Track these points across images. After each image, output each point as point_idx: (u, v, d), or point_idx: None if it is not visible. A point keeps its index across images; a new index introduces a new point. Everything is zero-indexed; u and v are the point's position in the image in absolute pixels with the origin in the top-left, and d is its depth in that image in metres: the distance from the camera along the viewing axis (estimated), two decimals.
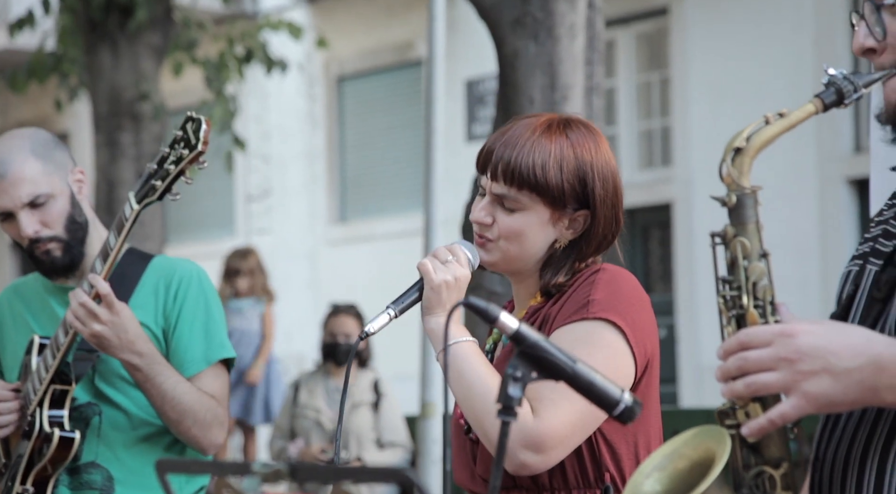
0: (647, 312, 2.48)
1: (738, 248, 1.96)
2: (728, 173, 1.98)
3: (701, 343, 10.98)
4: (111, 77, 8.34)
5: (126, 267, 3.26)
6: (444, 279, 2.47)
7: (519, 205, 2.49)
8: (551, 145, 2.49)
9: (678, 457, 1.96)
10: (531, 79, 5.71)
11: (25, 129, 3.34)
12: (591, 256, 2.53)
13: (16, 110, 15.31)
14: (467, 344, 2.45)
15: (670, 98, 11.46)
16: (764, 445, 1.93)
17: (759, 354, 1.85)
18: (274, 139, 14.06)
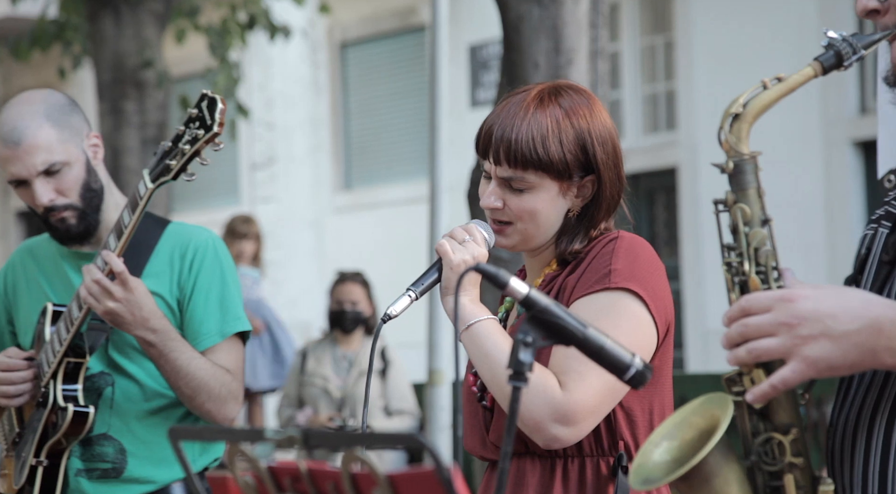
0: (663, 279, 2.50)
1: (739, 215, 1.96)
2: (726, 139, 1.98)
3: (707, 308, 10.98)
4: (114, 44, 8.31)
5: (141, 234, 3.22)
6: (463, 259, 2.48)
7: (527, 185, 2.50)
8: (547, 119, 2.50)
9: (687, 426, 1.97)
10: (536, 43, 5.70)
11: (40, 92, 3.28)
12: (602, 220, 2.55)
13: (19, 78, 15.27)
14: (489, 322, 2.47)
15: (675, 62, 11.41)
16: (773, 411, 1.93)
17: (759, 320, 1.86)
18: (277, 106, 14.02)
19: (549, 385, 2.37)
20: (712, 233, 8.54)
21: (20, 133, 3.15)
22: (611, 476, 2.44)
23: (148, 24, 8.38)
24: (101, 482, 3.21)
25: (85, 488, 3.23)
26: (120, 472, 3.21)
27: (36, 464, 3.19)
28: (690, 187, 11.20)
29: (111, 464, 3.21)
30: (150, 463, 3.21)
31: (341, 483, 1.51)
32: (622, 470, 2.42)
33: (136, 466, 3.21)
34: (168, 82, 8.49)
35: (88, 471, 3.22)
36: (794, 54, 10.22)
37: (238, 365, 3.21)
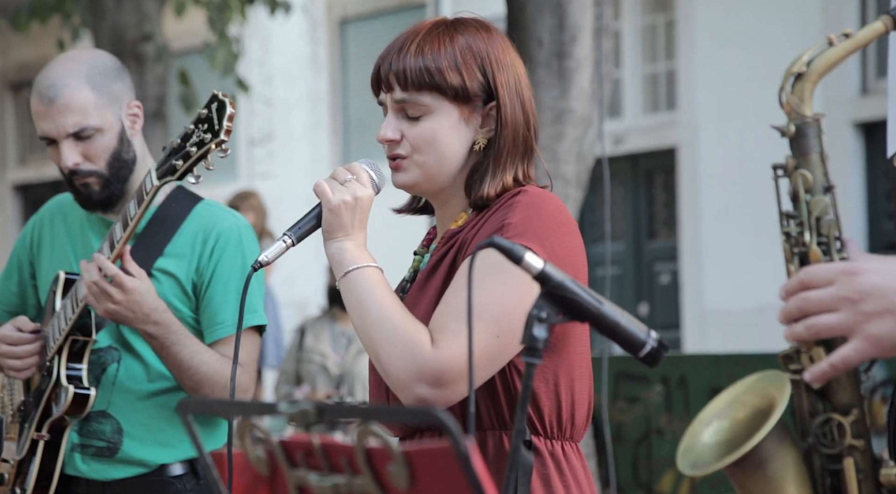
0: (570, 237, 2.30)
1: (800, 181, 1.85)
2: (787, 101, 1.86)
3: (705, 288, 10.96)
4: (114, 17, 8.26)
5: (169, 210, 3.17)
6: (343, 199, 2.32)
7: (423, 109, 2.34)
8: (440, 39, 2.36)
9: (739, 405, 1.87)
10: (539, 19, 5.66)
11: (88, 52, 3.21)
12: (514, 161, 2.37)
13: (17, 50, 15.20)
14: (369, 270, 2.30)
15: (675, 41, 11.37)
16: (832, 391, 1.82)
17: (820, 294, 1.74)
18: (276, 83, 13.97)
19: (417, 341, 2.20)
20: (711, 214, 8.54)
21: (57, 91, 3.08)
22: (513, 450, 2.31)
23: None
24: (94, 459, 3.18)
25: (78, 464, 3.19)
26: (114, 451, 3.17)
27: (37, 438, 3.17)
28: (690, 167, 11.17)
29: (106, 443, 3.17)
30: (146, 445, 3.17)
31: (355, 459, 1.48)
32: (524, 445, 2.24)
33: (131, 446, 3.17)
34: (167, 56, 8.44)
35: (83, 447, 3.19)
36: (796, 34, 10.18)
37: (251, 356, 3.14)
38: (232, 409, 1.54)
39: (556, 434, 2.32)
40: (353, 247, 2.32)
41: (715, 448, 1.87)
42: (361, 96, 13.74)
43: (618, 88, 11.38)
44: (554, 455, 2.31)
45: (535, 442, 2.30)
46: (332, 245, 2.34)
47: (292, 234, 2.34)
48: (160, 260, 3.15)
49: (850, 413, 1.82)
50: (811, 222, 1.85)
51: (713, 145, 10.95)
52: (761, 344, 10.05)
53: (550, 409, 2.31)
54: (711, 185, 10.95)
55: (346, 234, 2.33)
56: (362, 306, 2.27)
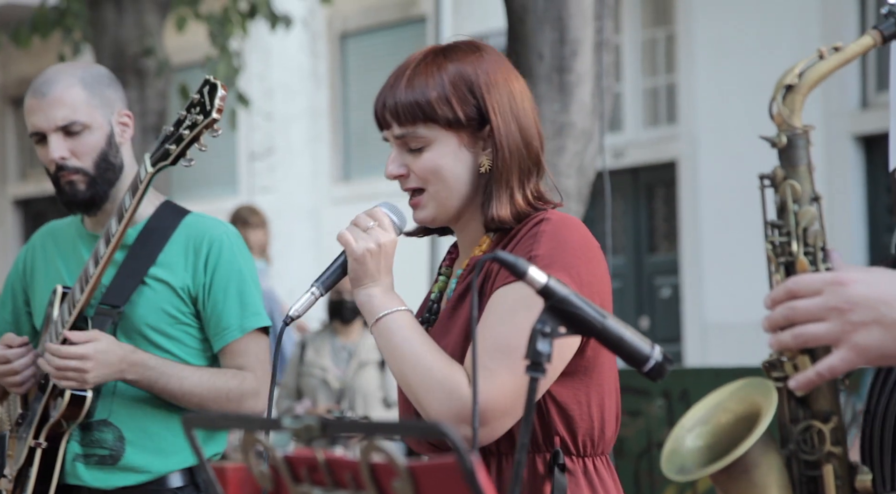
0: (595, 262, 2.33)
1: (788, 191, 1.87)
2: (778, 112, 1.88)
3: (706, 302, 10.96)
4: (115, 32, 8.27)
5: (158, 222, 3.23)
6: (367, 247, 2.35)
7: (423, 141, 2.37)
8: (427, 69, 2.37)
9: (722, 411, 1.90)
10: (540, 33, 5.67)
11: (84, 62, 3.32)
12: (520, 180, 2.37)
13: (18, 65, 15.22)
14: (399, 315, 2.33)
15: (675, 55, 11.38)
16: (813, 398, 1.86)
17: (808, 304, 1.76)
18: (277, 97, 13.98)
19: (455, 383, 2.24)
20: (712, 228, 8.53)
21: (49, 86, 3.17)
22: (547, 473, 2.31)
23: (149, 11, 8.34)
24: (97, 468, 3.20)
25: (81, 473, 3.21)
26: (117, 459, 3.19)
27: (35, 446, 3.19)
28: (690, 181, 11.17)
29: (109, 451, 3.20)
30: (148, 453, 3.19)
31: (360, 474, 1.48)
32: (558, 468, 2.30)
33: (133, 454, 3.19)
34: (168, 71, 8.45)
35: (86, 456, 3.21)
36: (796, 47, 10.19)
37: (259, 358, 3.20)
38: (236, 424, 1.53)
39: (588, 452, 2.37)
40: (380, 294, 2.36)
41: (698, 454, 1.89)
42: (362, 110, 13.75)
43: (618, 102, 11.39)
44: (586, 473, 2.35)
45: (567, 464, 2.33)
46: (360, 292, 2.37)
47: (320, 285, 2.37)
48: (153, 268, 3.20)
49: (830, 420, 1.86)
50: (798, 232, 1.87)
51: (713, 158, 10.95)
52: (763, 357, 10.03)
53: (584, 430, 2.35)
54: (712, 198, 10.95)
55: (373, 281, 2.36)
56: (396, 351, 2.31)
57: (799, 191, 1.88)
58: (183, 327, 3.20)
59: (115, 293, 3.17)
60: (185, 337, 3.21)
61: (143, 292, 3.18)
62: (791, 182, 1.88)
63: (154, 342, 3.18)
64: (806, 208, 1.87)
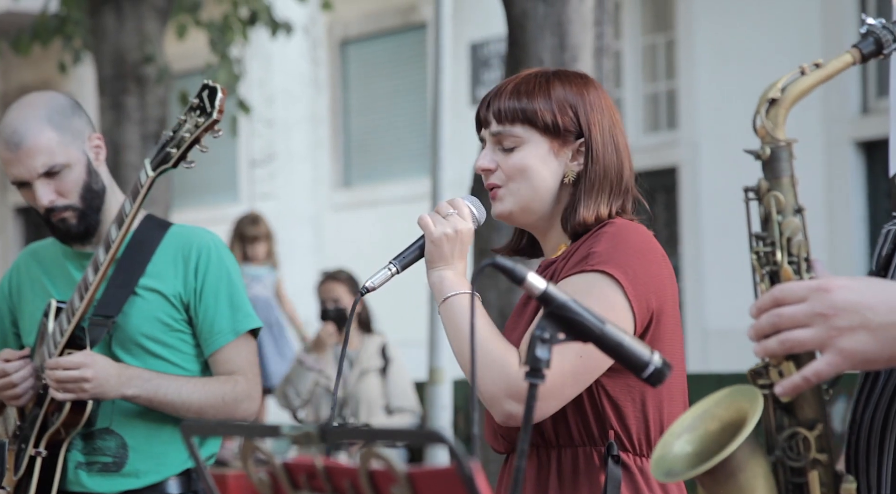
0: (655, 265, 2.44)
1: (773, 203, 1.91)
2: (762, 125, 1.94)
3: (706, 307, 10.95)
4: (115, 39, 8.27)
5: (143, 234, 3.27)
6: (445, 232, 2.47)
7: (516, 141, 2.50)
8: (537, 82, 2.51)
9: (709, 418, 1.92)
10: (540, 40, 5.68)
11: (43, 95, 3.32)
12: (607, 196, 2.50)
13: (19, 73, 15.24)
14: (467, 297, 2.43)
15: (676, 61, 11.39)
16: (798, 406, 1.87)
17: (794, 310, 1.79)
18: (278, 103, 13.98)
19: (508, 360, 2.36)
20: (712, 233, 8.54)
21: (21, 136, 3.19)
22: (602, 465, 2.41)
23: (149, 19, 8.35)
24: (100, 475, 3.22)
25: (84, 481, 3.23)
26: (121, 466, 3.22)
27: (35, 455, 3.21)
28: (691, 186, 11.17)
29: (112, 458, 3.22)
30: (151, 458, 3.22)
31: (359, 481, 1.48)
32: (612, 459, 2.39)
33: (136, 460, 3.22)
34: (169, 78, 8.45)
35: (89, 465, 3.23)
36: (797, 53, 10.19)
37: (250, 360, 3.25)
38: (235, 431, 1.53)
39: (645, 452, 2.44)
40: (452, 276, 2.47)
41: (686, 459, 1.91)
42: (362, 116, 13.75)
43: (619, 108, 11.33)
44: (643, 471, 2.43)
45: (623, 458, 2.42)
46: (433, 273, 2.48)
47: (398, 263, 2.48)
48: (143, 278, 3.24)
49: (815, 427, 1.87)
50: (783, 242, 1.90)
51: (714, 164, 10.95)
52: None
53: (638, 427, 2.43)
54: (713, 204, 10.95)
55: (446, 264, 2.48)
56: (459, 329, 2.42)
57: (783, 202, 1.91)
58: (177, 334, 3.24)
59: (108, 304, 3.21)
60: (179, 344, 3.24)
61: (135, 302, 3.22)
62: (775, 193, 1.92)
63: (150, 350, 3.21)
64: (790, 219, 1.90)
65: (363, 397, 7.13)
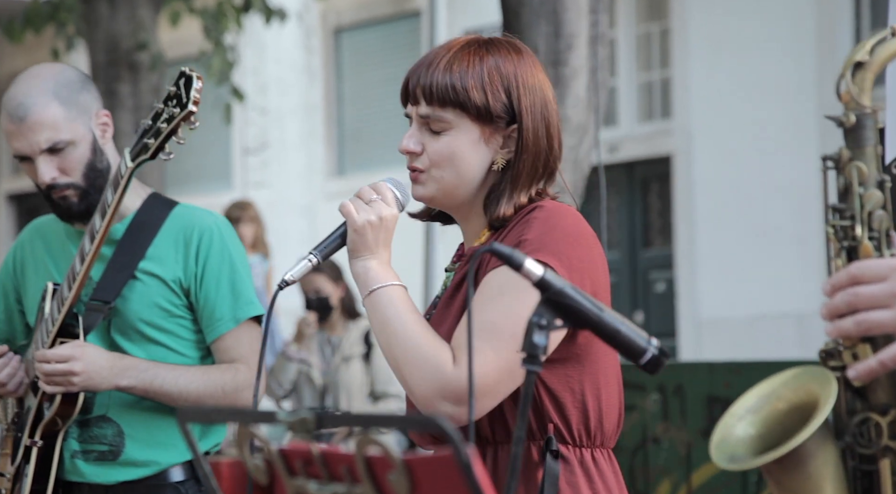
0: (588, 249, 2.32)
1: (854, 173, 1.79)
2: (847, 90, 1.80)
3: (700, 297, 10.95)
4: (108, 26, 8.24)
5: (146, 215, 3.20)
6: (368, 219, 2.36)
7: (446, 125, 2.38)
8: (469, 58, 2.38)
9: (776, 399, 1.83)
10: (535, 27, 5.66)
11: (52, 67, 3.24)
12: (531, 181, 2.39)
13: (11, 60, 15.19)
14: (393, 289, 2.33)
15: (670, 49, 11.37)
16: (871, 390, 1.78)
17: (873, 290, 1.69)
18: (271, 91, 13.96)
19: (440, 359, 2.24)
20: (706, 223, 8.49)
21: (26, 109, 3.11)
22: (540, 460, 2.30)
23: (142, 5, 8.32)
24: (97, 463, 3.19)
25: (82, 469, 3.19)
26: (117, 454, 3.18)
27: (30, 445, 3.17)
28: (685, 176, 11.17)
29: (108, 446, 3.18)
30: (148, 446, 3.18)
31: (355, 467, 1.47)
32: (551, 454, 2.29)
33: (133, 449, 3.17)
34: (162, 65, 8.42)
35: (85, 453, 3.19)
36: (790, 42, 10.18)
37: (252, 348, 3.18)
38: (231, 417, 1.52)
39: (584, 442, 2.35)
40: (377, 266, 2.36)
41: (749, 443, 1.83)
42: (356, 105, 13.73)
43: (613, 97, 11.37)
44: (583, 463, 2.34)
45: (563, 451, 2.32)
46: (356, 264, 2.37)
47: (318, 253, 2.36)
48: (143, 262, 3.18)
49: (888, 413, 1.78)
50: (863, 216, 1.79)
51: (708, 153, 10.94)
52: (756, 352, 10.04)
53: (578, 418, 2.33)
54: (707, 193, 10.94)
55: (370, 253, 2.36)
56: (387, 325, 2.31)
57: (865, 173, 1.80)
58: (176, 320, 3.18)
59: (105, 288, 3.15)
60: (179, 330, 3.19)
61: (135, 287, 3.16)
62: (857, 163, 1.80)
63: (149, 336, 3.16)
64: (872, 191, 1.79)
65: (344, 384, 7.10)
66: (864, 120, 1.80)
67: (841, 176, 1.82)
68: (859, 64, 1.82)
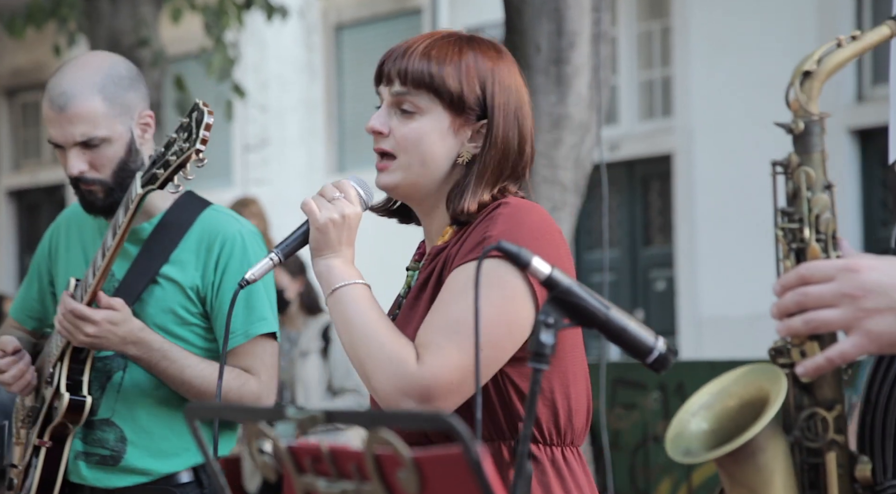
0: (553, 246, 2.29)
1: (803, 178, 1.87)
2: (796, 98, 1.89)
3: (700, 295, 10.95)
4: (110, 22, 8.24)
5: (175, 216, 3.16)
6: (330, 217, 2.33)
7: (417, 108, 2.35)
8: (449, 48, 2.37)
9: (727, 395, 1.89)
10: (538, 25, 5.66)
11: (106, 58, 3.17)
12: (495, 180, 2.37)
13: (13, 55, 15.18)
14: (355, 287, 2.31)
15: (671, 48, 11.37)
16: (817, 386, 1.85)
17: (821, 290, 1.75)
18: (272, 89, 13.96)
19: (403, 357, 2.22)
20: (707, 221, 8.51)
21: (67, 99, 3.05)
22: (511, 459, 2.28)
23: (144, 2, 8.32)
24: (98, 468, 3.17)
25: (83, 472, 3.18)
26: (117, 460, 3.16)
27: (39, 445, 3.16)
28: (685, 174, 11.17)
29: (109, 451, 3.16)
30: (150, 455, 3.16)
31: (364, 465, 1.47)
32: None
33: (134, 456, 3.15)
34: (164, 61, 8.42)
35: (87, 455, 3.18)
36: (792, 40, 10.18)
37: (265, 363, 3.14)
38: (239, 414, 1.52)
39: (555, 441, 2.33)
40: (340, 265, 2.33)
41: (703, 437, 1.88)
42: (357, 102, 13.72)
43: (614, 95, 11.37)
44: (554, 462, 2.32)
45: (533, 451, 2.30)
46: (319, 262, 2.34)
47: (279, 252, 2.35)
48: (165, 266, 3.14)
49: (834, 408, 1.85)
50: (811, 219, 1.86)
51: (709, 152, 10.94)
52: (757, 350, 10.03)
53: (548, 417, 2.31)
54: (707, 192, 10.94)
55: (333, 252, 2.34)
56: (349, 323, 2.29)
57: (813, 177, 1.87)
58: (190, 327, 3.15)
59: (127, 291, 3.12)
60: (191, 337, 3.16)
61: (154, 291, 3.13)
62: (806, 169, 1.87)
63: None
64: (819, 195, 1.87)
65: (301, 379, 7.04)
66: (811, 127, 1.89)
67: (790, 180, 1.88)
68: (808, 73, 1.89)
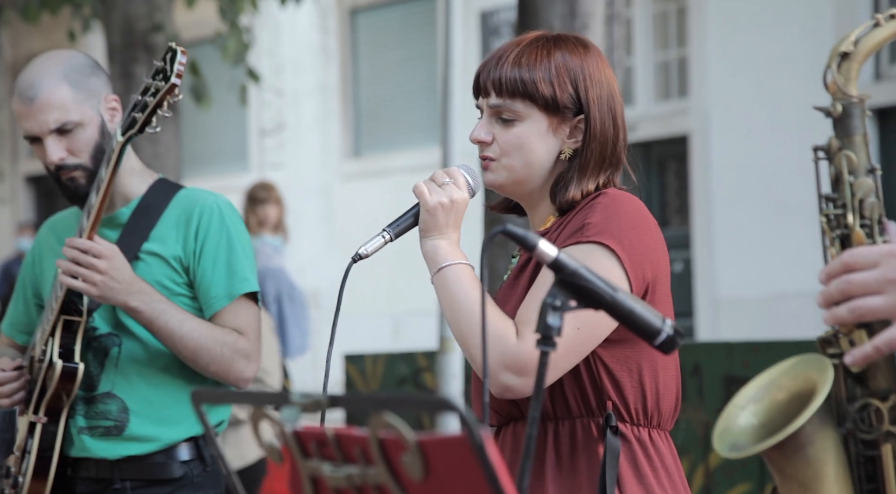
0: (649, 235, 2.43)
1: (844, 162, 1.82)
2: (833, 80, 1.84)
3: (717, 276, 10.94)
4: (124, 7, 8.25)
5: (152, 198, 3.28)
6: (440, 201, 2.46)
7: (515, 115, 2.49)
8: (538, 51, 2.48)
9: (776, 388, 1.85)
10: (551, 7, 5.65)
11: (63, 52, 3.32)
12: (597, 170, 2.51)
13: (28, 41, 15.22)
14: (460, 267, 2.44)
15: (687, 28, 11.33)
16: (870, 376, 1.80)
17: (865, 277, 1.71)
18: (287, 73, 13.96)
19: (503, 332, 2.34)
20: (723, 202, 8.49)
21: (36, 90, 3.19)
22: (601, 436, 2.40)
23: None
24: (103, 439, 3.24)
25: (88, 445, 3.24)
26: (121, 430, 3.23)
27: (35, 421, 3.23)
28: (702, 155, 11.14)
29: (113, 422, 3.24)
30: (152, 422, 3.23)
31: (369, 449, 1.47)
32: (611, 430, 2.39)
33: (137, 424, 3.22)
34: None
35: (91, 429, 3.25)
36: (808, 21, 10.13)
37: (249, 323, 3.23)
38: (245, 399, 1.53)
39: (642, 422, 2.44)
40: (446, 246, 2.47)
41: (751, 432, 1.85)
42: (372, 86, 13.72)
43: (629, 76, 11.34)
44: (641, 441, 2.43)
45: (621, 429, 2.42)
46: (427, 243, 2.47)
47: (391, 230, 2.47)
48: (146, 244, 3.24)
49: (888, 398, 1.80)
50: (854, 204, 1.82)
51: (725, 132, 10.91)
52: (774, 331, 10.02)
53: (635, 398, 2.43)
54: (724, 173, 10.91)
55: (440, 234, 2.47)
56: (454, 300, 2.41)
57: (855, 161, 1.83)
58: (178, 298, 3.24)
59: None
60: None
61: (138, 267, 3.22)
62: (847, 152, 1.83)
63: None
64: (862, 179, 1.83)
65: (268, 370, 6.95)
66: (851, 109, 1.84)
67: (832, 165, 1.84)
68: (845, 54, 1.85)
